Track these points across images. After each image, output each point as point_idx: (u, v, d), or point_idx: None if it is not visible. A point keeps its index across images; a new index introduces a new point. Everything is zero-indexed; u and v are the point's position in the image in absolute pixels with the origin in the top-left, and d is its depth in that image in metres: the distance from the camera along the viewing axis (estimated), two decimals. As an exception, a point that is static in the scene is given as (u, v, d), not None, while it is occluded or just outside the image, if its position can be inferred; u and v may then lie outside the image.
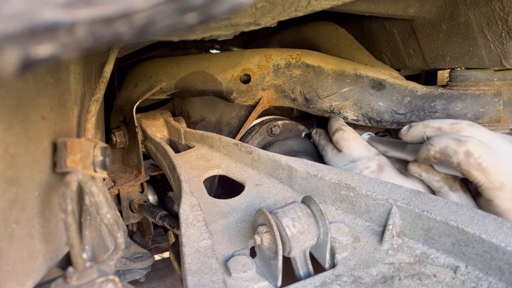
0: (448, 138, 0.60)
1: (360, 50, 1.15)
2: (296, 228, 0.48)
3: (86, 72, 0.62)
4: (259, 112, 1.10)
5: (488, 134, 0.61)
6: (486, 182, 0.57)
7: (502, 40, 0.80)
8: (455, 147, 0.58)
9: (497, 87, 0.90)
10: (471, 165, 0.57)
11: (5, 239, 0.39)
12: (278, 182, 0.71)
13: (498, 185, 0.57)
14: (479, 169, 0.56)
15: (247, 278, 0.48)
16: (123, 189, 0.96)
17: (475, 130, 0.61)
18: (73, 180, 0.43)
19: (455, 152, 0.57)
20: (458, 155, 0.57)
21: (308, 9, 0.60)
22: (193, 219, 0.56)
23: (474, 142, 0.57)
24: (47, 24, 0.19)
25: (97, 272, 0.43)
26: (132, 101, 1.02)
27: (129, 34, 0.22)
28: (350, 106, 1.03)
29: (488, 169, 0.56)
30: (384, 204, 0.55)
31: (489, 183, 0.57)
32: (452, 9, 0.86)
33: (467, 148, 0.57)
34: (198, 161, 0.85)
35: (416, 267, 0.49)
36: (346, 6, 0.91)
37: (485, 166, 0.56)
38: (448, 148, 0.58)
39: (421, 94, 0.98)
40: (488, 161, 0.56)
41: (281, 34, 1.47)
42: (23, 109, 0.41)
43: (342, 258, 0.52)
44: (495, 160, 0.57)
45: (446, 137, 0.60)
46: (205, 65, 1.07)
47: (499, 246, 0.44)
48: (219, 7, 0.23)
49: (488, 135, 0.61)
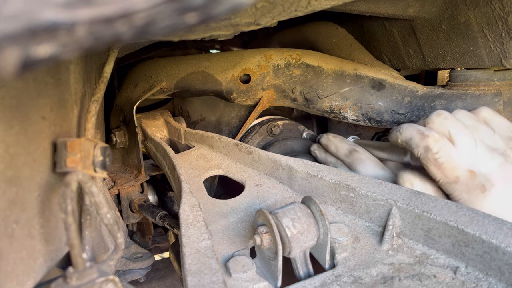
0: (414, 130, 0.63)
1: (360, 50, 1.15)
2: (296, 228, 0.48)
3: (86, 72, 0.62)
4: (259, 112, 1.10)
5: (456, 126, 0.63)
6: (443, 177, 0.61)
7: (502, 40, 0.80)
8: (417, 140, 0.61)
9: (497, 87, 0.90)
10: (429, 160, 0.60)
11: (5, 239, 0.39)
12: (278, 183, 0.71)
13: (453, 179, 0.60)
14: (436, 165, 0.60)
15: (247, 279, 0.48)
16: (123, 189, 0.96)
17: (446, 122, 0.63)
18: (73, 180, 0.43)
19: (417, 146, 0.61)
20: (418, 149, 0.61)
21: (308, 9, 0.60)
22: (193, 219, 0.56)
23: (435, 138, 0.60)
24: (47, 24, 0.19)
25: (97, 272, 0.43)
26: (132, 101, 1.02)
27: (129, 34, 0.22)
28: (350, 106, 1.03)
29: (444, 165, 0.59)
30: (384, 204, 0.55)
31: (445, 178, 0.61)
32: (452, 9, 0.86)
33: (427, 144, 0.60)
34: (198, 161, 0.85)
35: (416, 267, 0.49)
36: (346, 6, 0.91)
37: (441, 162, 0.59)
38: (411, 141, 0.62)
39: (421, 94, 0.98)
40: (444, 157, 0.59)
41: (281, 34, 1.47)
42: (23, 109, 0.41)
43: (342, 258, 0.51)
44: (452, 156, 0.60)
45: (412, 128, 0.64)
46: (205, 65, 1.07)
47: (499, 246, 0.44)
48: (219, 7, 0.23)
49: (455, 128, 0.62)
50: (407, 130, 0.64)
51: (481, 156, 0.61)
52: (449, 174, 0.60)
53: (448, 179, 0.61)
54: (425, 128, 0.64)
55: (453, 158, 0.60)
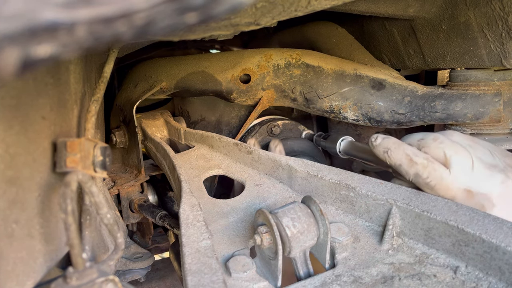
0: (403, 155, 0.65)
1: (360, 50, 1.15)
2: (296, 228, 0.48)
3: (86, 72, 0.62)
4: (259, 112, 1.10)
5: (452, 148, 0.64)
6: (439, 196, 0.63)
7: (502, 40, 0.80)
8: (406, 167, 0.64)
9: (497, 87, 0.90)
10: (420, 184, 0.63)
11: (5, 239, 0.39)
12: (278, 182, 0.71)
13: (449, 198, 0.61)
14: (428, 188, 0.62)
15: (247, 278, 0.48)
16: (123, 189, 0.96)
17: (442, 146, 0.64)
18: (73, 180, 0.43)
19: (406, 173, 0.64)
20: (408, 175, 0.64)
21: (308, 9, 0.59)
22: (193, 219, 0.56)
23: (424, 165, 0.62)
24: (47, 24, 0.19)
25: (97, 272, 0.43)
26: (132, 101, 1.02)
27: (129, 34, 0.22)
28: (350, 106, 1.03)
29: (436, 187, 0.61)
30: (384, 204, 0.55)
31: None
32: (452, 9, 0.86)
33: (416, 171, 0.62)
34: (198, 161, 0.85)
35: (416, 267, 0.49)
36: (346, 6, 0.91)
37: (432, 184, 0.61)
38: (401, 167, 0.64)
39: (421, 94, 0.98)
40: (435, 180, 0.61)
41: (281, 34, 1.47)
42: (23, 109, 0.41)
43: (342, 258, 0.51)
44: (444, 178, 0.61)
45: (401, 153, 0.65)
46: (205, 65, 1.07)
47: (499, 246, 0.44)
48: (219, 7, 0.23)
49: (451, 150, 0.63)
50: (396, 154, 0.65)
51: (480, 175, 0.61)
52: (443, 194, 0.60)
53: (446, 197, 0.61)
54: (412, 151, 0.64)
55: (445, 180, 0.61)
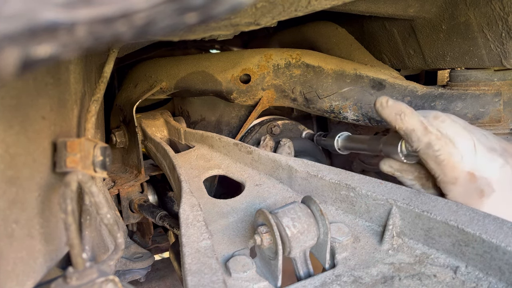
0: (418, 122, 0.60)
1: (360, 50, 1.15)
2: (296, 228, 0.48)
3: (86, 72, 0.62)
4: (259, 112, 1.10)
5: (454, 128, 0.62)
6: (441, 175, 0.60)
7: (502, 40, 0.80)
8: (419, 134, 0.60)
9: (497, 87, 0.90)
10: (429, 156, 0.59)
11: (5, 239, 0.39)
12: (278, 182, 0.71)
13: (452, 179, 0.59)
14: (436, 161, 0.59)
15: (247, 278, 0.48)
16: (123, 189, 0.96)
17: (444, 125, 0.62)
18: (73, 180, 0.43)
19: (418, 140, 0.60)
20: (419, 143, 0.60)
21: (308, 9, 0.59)
22: (193, 219, 0.56)
23: (437, 136, 0.59)
24: (47, 24, 0.19)
25: (97, 272, 0.43)
26: (132, 101, 1.02)
27: (129, 34, 0.22)
28: (350, 106, 1.03)
29: (444, 163, 0.58)
30: (384, 204, 0.55)
31: (444, 176, 0.60)
32: (452, 9, 0.86)
33: (429, 140, 0.59)
34: (198, 161, 0.85)
35: (416, 267, 0.49)
36: (346, 6, 0.91)
37: (441, 159, 0.58)
38: (413, 132, 0.60)
39: (421, 94, 0.98)
40: (445, 155, 0.58)
41: (281, 34, 1.47)
42: (23, 109, 0.41)
43: (342, 258, 0.51)
44: (453, 155, 0.59)
45: (416, 119, 0.61)
46: (205, 65, 1.07)
47: (499, 246, 0.44)
48: (219, 7, 0.23)
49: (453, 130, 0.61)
50: (410, 119, 0.61)
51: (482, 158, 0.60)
52: (448, 173, 0.59)
53: (447, 178, 0.60)
54: (427, 121, 0.61)
55: (454, 158, 0.59)
